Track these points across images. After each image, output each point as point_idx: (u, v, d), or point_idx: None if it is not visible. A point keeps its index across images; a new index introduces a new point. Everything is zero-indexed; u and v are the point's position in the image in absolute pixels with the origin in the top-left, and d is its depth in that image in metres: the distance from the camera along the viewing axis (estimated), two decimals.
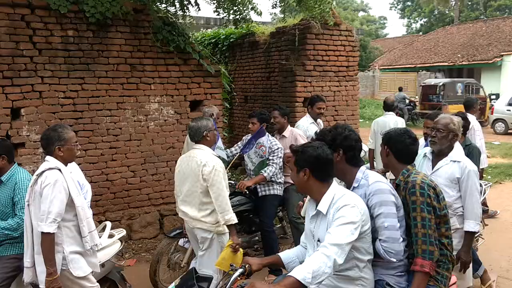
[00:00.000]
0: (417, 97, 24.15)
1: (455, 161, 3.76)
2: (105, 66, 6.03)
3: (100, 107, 6.04)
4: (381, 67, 32.65)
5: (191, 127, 4.14)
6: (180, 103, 6.66)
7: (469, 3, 45.11)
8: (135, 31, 6.20)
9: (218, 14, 7.39)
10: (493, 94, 22.38)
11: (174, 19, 6.82)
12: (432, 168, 3.85)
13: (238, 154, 5.47)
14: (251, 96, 9.64)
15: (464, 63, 27.88)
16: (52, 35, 5.62)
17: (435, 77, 27.76)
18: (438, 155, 3.85)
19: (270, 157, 5.22)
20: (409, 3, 52.30)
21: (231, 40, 10.23)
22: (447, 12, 47.13)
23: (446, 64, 29.10)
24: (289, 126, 5.60)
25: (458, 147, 3.95)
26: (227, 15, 7.30)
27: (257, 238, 5.41)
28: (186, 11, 7.33)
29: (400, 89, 22.40)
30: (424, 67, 30.49)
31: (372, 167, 6.79)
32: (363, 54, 31.89)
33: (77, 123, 5.88)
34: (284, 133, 5.54)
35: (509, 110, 18.07)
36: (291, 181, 5.24)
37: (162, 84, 6.48)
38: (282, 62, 8.03)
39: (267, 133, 5.32)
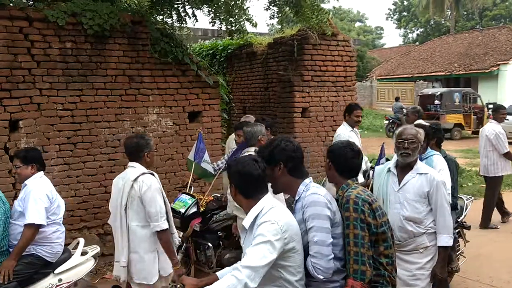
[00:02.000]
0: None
1: (421, 173, 3.53)
2: (103, 78, 6.03)
3: (99, 119, 6.03)
4: (379, 77, 32.78)
5: (247, 132, 4.71)
6: (178, 114, 6.66)
7: (465, 13, 45.41)
8: (133, 43, 6.21)
9: (213, 25, 7.42)
10: (491, 103, 22.39)
11: (171, 31, 6.84)
12: (399, 183, 3.58)
13: (225, 166, 5.31)
14: (250, 107, 9.65)
15: (461, 72, 28.02)
16: (50, 47, 5.63)
17: (433, 87, 27.87)
18: (403, 169, 3.60)
19: None
20: (405, 13, 52.64)
21: (229, 51, 10.27)
22: (443, 22, 47.43)
23: (443, 73, 29.24)
24: (272, 137, 5.50)
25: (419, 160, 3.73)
26: (224, 26, 7.33)
27: None
28: (184, 22, 7.36)
29: (397, 99, 22.45)
30: (421, 77, 30.62)
31: None
32: (360, 64, 31.98)
33: (76, 135, 5.87)
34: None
35: (507, 119, 18.08)
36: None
37: (160, 95, 6.48)
38: (280, 72, 8.06)
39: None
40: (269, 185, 2.70)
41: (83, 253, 4.28)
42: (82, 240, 4.36)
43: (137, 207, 3.67)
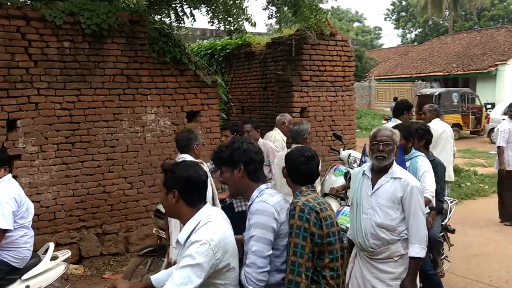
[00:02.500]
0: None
1: (396, 178, 3.29)
2: (101, 77, 6.01)
3: (97, 119, 6.02)
4: (377, 77, 32.82)
5: (294, 131, 4.92)
6: (177, 114, 6.65)
7: (463, 13, 45.47)
8: (131, 42, 6.20)
9: (212, 25, 7.41)
10: (489, 104, 22.49)
11: (170, 30, 6.83)
12: (372, 187, 3.36)
13: (212, 166, 5.10)
14: (248, 107, 9.64)
15: (459, 72, 28.07)
16: (48, 47, 5.62)
17: (431, 87, 27.88)
18: (378, 173, 3.37)
19: None
20: (403, 13, 52.68)
21: (227, 51, 10.25)
22: (441, 22, 47.51)
23: (441, 73, 29.29)
24: (260, 138, 5.42)
25: (395, 163, 3.49)
26: (222, 26, 7.32)
27: None
28: (182, 22, 7.35)
29: (395, 99, 22.45)
30: (420, 77, 30.66)
31: None
32: (358, 65, 32.02)
33: (74, 134, 5.85)
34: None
35: (504, 119, 18.08)
36: None
37: (158, 95, 6.47)
38: (278, 72, 8.05)
39: None
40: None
41: (53, 258, 4.12)
42: (52, 245, 4.22)
43: None
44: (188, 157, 4.12)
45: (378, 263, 3.33)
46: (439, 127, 6.37)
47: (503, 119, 7.68)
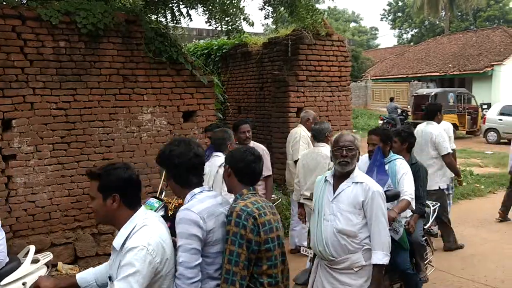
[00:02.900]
0: (409, 106, 24.29)
1: (357, 182, 3.22)
2: (97, 77, 5.99)
3: (93, 118, 6.00)
4: (373, 78, 32.87)
5: (316, 129, 5.22)
6: (173, 113, 6.63)
7: (459, 13, 45.57)
8: (127, 42, 6.18)
9: (210, 25, 7.40)
10: (485, 104, 22.56)
11: (166, 30, 6.82)
12: (334, 193, 3.29)
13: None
14: (244, 107, 9.64)
15: (455, 73, 28.14)
16: (43, 46, 5.59)
17: (427, 87, 27.97)
18: (339, 178, 3.30)
19: None
20: (400, 14, 52.79)
21: (223, 51, 10.25)
22: (437, 22, 47.62)
23: (437, 74, 29.37)
24: (251, 141, 5.33)
25: (357, 167, 3.40)
26: (219, 26, 7.31)
27: None
28: (178, 22, 7.33)
29: (392, 99, 22.52)
30: (416, 77, 30.73)
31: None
32: (355, 65, 32.05)
33: (70, 134, 5.83)
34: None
35: (501, 120, 18.18)
36: None
37: (155, 94, 6.45)
38: (275, 72, 8.05)
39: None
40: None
41: (35, 261, 4.00)
42: (32, 248, 4.09)
43: (219, 187, 4.25)
44: (221, 155, 4.37)
45: (338, 274, 3.24)
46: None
47: (499, 119, 7.69)
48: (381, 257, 3.12)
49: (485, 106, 22.08)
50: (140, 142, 6.36)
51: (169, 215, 4.75)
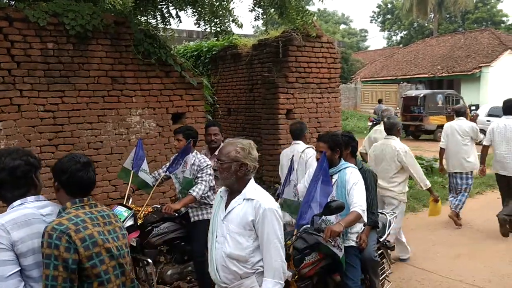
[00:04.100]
0: (398, 108, 24.43)
1: (248, 199, 2.81)
2: (85, 79, 5.96)
3: (81, 120, 5.96)
4: (363, 79, 33.03)
5: (389, 123, 5.86)
6: (162, 115, 6.61)
7: (448, 16, 46.00)
8: (116, 44, 6.16)
9: (198, 26, 7.39)
10: (473, 105, 22.73)
11: (155, 32, 6.80)
12: (225, 211, 2.90)
13: (164, 174, 4.95)
14: (234, 109, 9.63)
15: (444, 74, 28.38)
16: (31, 48, 5.55)
17: (416, 89, 28.16)
18: (232, 194, 2.92)
19: (199, 175, 4.64)
20: (389, 16, 53.12)
21: (213, 53, 10.23)
22: (426, 24, 48.00)
23: (426, 75, 29.60)
24: (221, 144, 5.08)
25: (252, 182, 2.94)
26: (208, 28, 7.30)
27: (190, 268, 4.86)
28: (168, 23, 7.32)
29: (380, 101, 22.64)
30: (405, 79, 30.93)
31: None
32: (345, 67, 32.20)
33: (57, 136, 5.79)
34: (216, 152, 4.91)
35: (489, 121, 18.30)
36: None
37: (143, 96, 6.43)
38: (264, 74, 8.05)
39: (195, 151, 4.82)
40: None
41: None
42: None
43: (302, 170, 5.03)
44: (301, 143, 5.39)
45: None
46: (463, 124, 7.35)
47: (487, 121, 7.89)
48: (271, 285, 2.74)
49: (473, 107, 22.26)
50: (129, 144, 6.33)
51: (138, 224, 4.57)
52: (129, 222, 4.41)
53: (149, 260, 4.49)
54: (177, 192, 5.00)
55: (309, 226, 3.55)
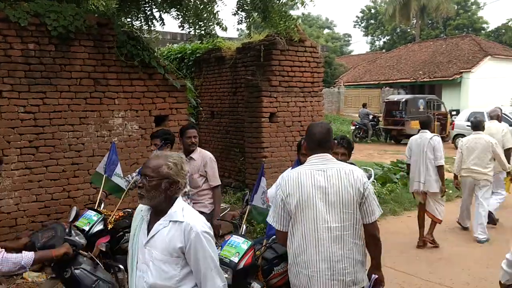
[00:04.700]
0: (380, 112, 24.66)
1: (176, 221, 2.43)
2: (67, 80, 5.90)
3: (62, 122, 5.90)
4: (346, 84, 33.25)
5: (475, 122, 7.28)
6: (145, 118, 6.58)
7: (430, 22, 46.65)
8: (99, 45, 6.11)
9: (182, 29, 7.38)
10: (454, 110, 23.06)
11: (139, 34, 6.77)
12: (148, 234, 2.49)
13: (137, 177, 4.82)
14: (218, 112, 9.63)
15: (425, 79, 28.73)
16: (11, 48, 5.48)
17: (398, 93, 28.44)
18: (156, 214, 2.51)
19: None
20: (372, 21, 53.63)
21: (197, 55, 10.22)
22: (408, 30, 48.58)
23: (408, 80, 29.93)
24: (198, 148, 5.07)
25: (180, 201, 2.54)
26: (193, 30, 7.29)
27: None
28: (151, 25, 7.29)
29: (364, 105, 22.83)
30: (388, 84, 31.23)
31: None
32: (328, 71, 32.39)
33: (38, 138, 5.72)
34: (192, 155, 4.96)
35: (469, 126, 18.57)
36: (201, 210, 4.85)
37: (126, 98, 6.39)
38: (248, 77, 8.07)
39: None
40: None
41: None
42: None
43: (430, 153, 6.43)
44: (428, 132, 6.58)
45: None
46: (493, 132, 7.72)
47: (467, 125, 8.57)
48: None
49: (454, 112, 22.60)
50: None
51: (109, 228, 4.51)
52: (99, 227, 4.34)
53: (121, 266, 4.24)
54: None
55: None
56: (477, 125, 7.25)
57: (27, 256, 2.94)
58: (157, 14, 7.27)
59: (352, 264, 2.84)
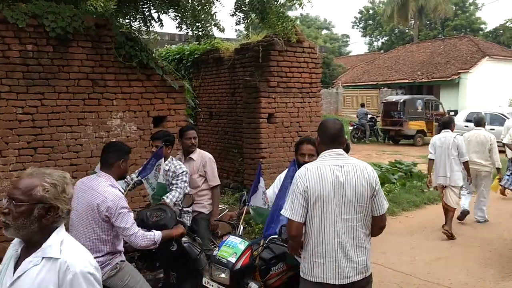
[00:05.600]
0: (378, 113, 24.68)
1: (50, 258, 1.91)
2: (65, 81, 5.90)
3: (61, 123, 5.90)
4: (344, 84, 33.31)
5: (477, 119, 8.19)
6: (143, 119, 6.58)
7: (428, 22, 46.73)
8: (97, 46, 6.11)
9: (180, 30, 7.38)
10: (452, 111, 23.10)
11: (137, 35, 6.77)
12: (14, 272, 1.95)
13: (137, 179, 4.73)
14: (216, 112, 9.64)
15: (423, 80, 28.79)
16: (9, 49, 5.47)
17: (396, 94, 28.49)
18: (27, 248, 1.99)
19: (174, 181, 4.59)
20: (370, 22, 53.71)
21: (195, 56, 10.23)
22: (406, 31, 48.66)
23: (406, 81, 29.99)
24: (197, 149, 5.11)
25: (60, 232, 2.01)
26: (190, 31, 7.30)
27: (162, 275, 4.61)
28: (150, 26, 7.29)
29: (362, 105, 22.86)
30: (386, 84, 31.28)
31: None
32: (326, 71, 32.42)
33: (36, 139, 5.72)
34: (191, 155, 5.03)
35: (467, 126, 18.62)
36: (200, 210, 4.94)
37: (124, 99, 6.39)
38: (246, 78, 8.08)
39: (171, 156, 4.78)
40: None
41: None
42: None
43: (454, 150, 7.02)
44: (450, 131, 7.18)
45: None
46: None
47: (465, 126, 9.00)
48: None
49: (452, 113, 22.63)
50: None
51: None
52: None
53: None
54: (150, 198, 4.91)
55: (276, 236, 3.55)
56: (478, 121, 8.10)
57: (158, 234, 3.60)
58: (155, 15, 7.30)
59: (364, 252, 3.05)
